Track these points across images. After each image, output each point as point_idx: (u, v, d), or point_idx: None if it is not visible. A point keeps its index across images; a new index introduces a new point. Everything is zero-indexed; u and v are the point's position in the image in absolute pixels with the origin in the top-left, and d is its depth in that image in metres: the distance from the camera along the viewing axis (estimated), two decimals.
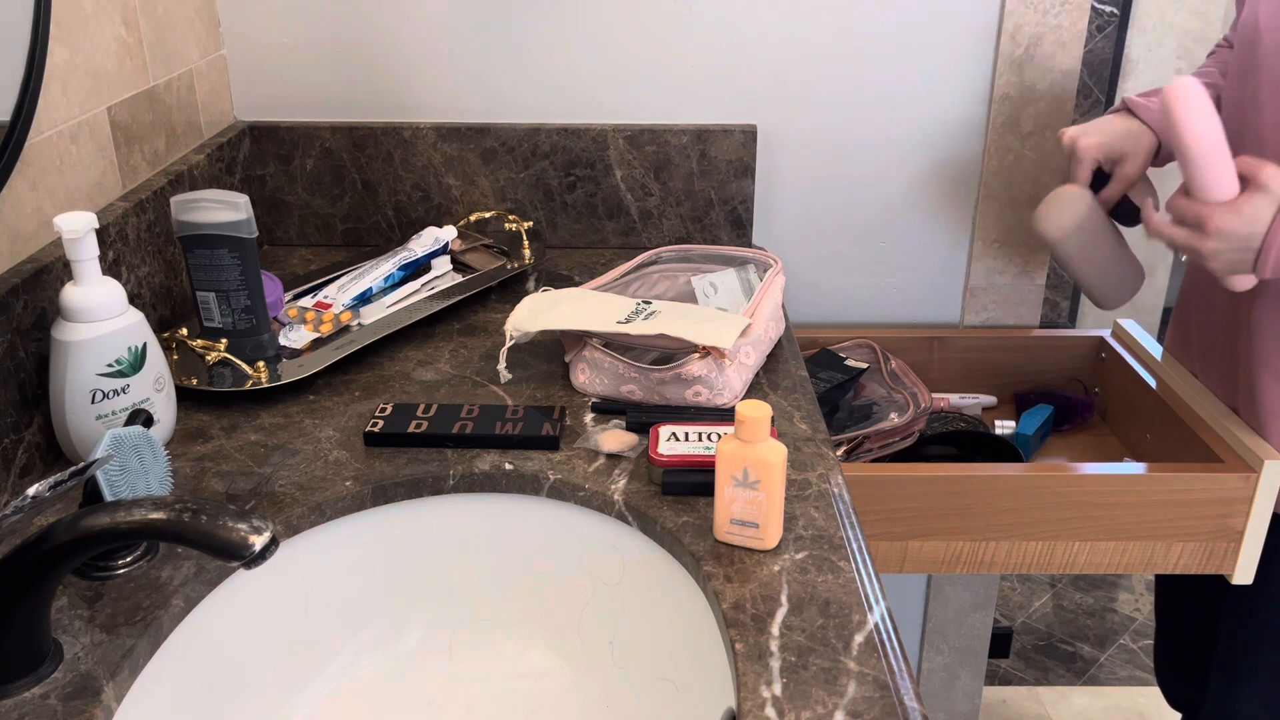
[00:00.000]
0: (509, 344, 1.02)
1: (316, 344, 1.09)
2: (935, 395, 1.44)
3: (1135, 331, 1.42)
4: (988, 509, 1.15)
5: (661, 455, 0.87)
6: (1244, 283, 1.02)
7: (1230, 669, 1.23)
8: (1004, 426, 1.39)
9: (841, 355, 1.39)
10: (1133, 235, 1.27)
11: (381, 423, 0.95)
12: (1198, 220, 0.99)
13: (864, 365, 1.36)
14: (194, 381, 1.01)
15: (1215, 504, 1.14)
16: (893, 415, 1.27)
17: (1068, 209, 1.19)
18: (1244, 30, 1.06)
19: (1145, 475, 1.14)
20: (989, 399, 1.45)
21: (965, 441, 1.29)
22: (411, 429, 0.94)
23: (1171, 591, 1.42)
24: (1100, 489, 1.14)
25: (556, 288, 1.11)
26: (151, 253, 1.10)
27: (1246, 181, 0.98)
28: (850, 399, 1.34)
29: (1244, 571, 1.17)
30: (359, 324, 1.13)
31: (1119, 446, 1.38)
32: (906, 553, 1.17)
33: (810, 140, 1.40)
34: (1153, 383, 1.31)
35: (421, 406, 0.98)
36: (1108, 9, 1.53)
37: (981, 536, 1.17)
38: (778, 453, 0.76)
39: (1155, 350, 1.37)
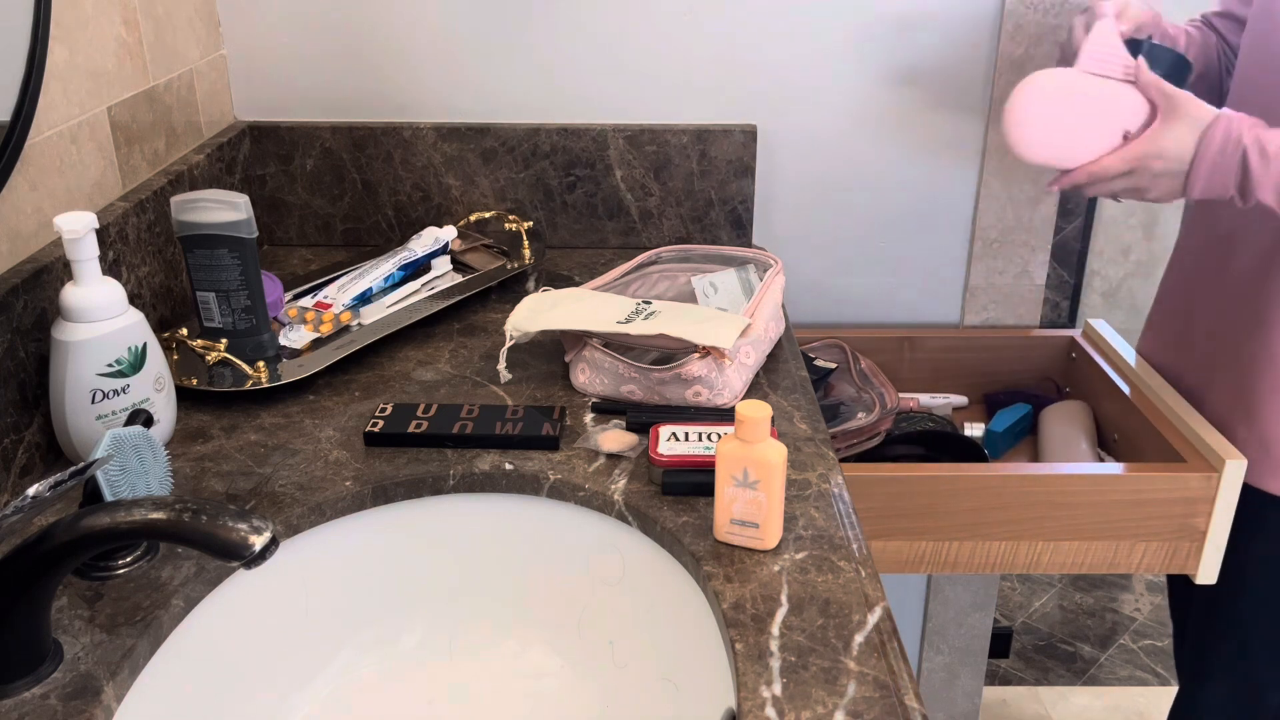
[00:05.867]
0: (509, 344, 1.02)
1: (316, 344, 1.09)
2: (905, 395, 1.44)
3: (1105, 331, 1.43)
4: (950, 509, 1.15)
5: (661, 455, 0.87)
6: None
7: (1198, 663, 1.23)
8: (974, 427, 1.39)
9: (811, 355, 1.39)
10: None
11: (381, 423, 0.95)
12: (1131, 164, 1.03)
13: (832, 365, 1.37)
14: (194, 381, 1.01)
15: (1178, 503, 1.14)
16: (860, 415, 1.27)
17: None
18: (1259, 20, 1.07)
19: (1107, 475, 1.14)
20: (959, 399, 1.46)
21: (933, 441, 1.29)
22: (411, 429, 0.94)
23: (1183, 596, 1.41)
24: (1062, 489, 1.14)
25: (556, 288, 1.11)
26: (151, 253, 1.10)
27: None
28: (820, 398, 1.34)
29: (1207, 571, 1.17)
30: (359, 324, 1.13)
31: None
32: (870, 553, 1.18)
33: (810, 140, 1.40)
34: (1120, 382, 1.32)
35: (421, 406, 0.98)
36: None
37: (944, 537, 1.17)
38: (778, 453, 0.76)
39: (1124, 350, 1.37)
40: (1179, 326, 1.27)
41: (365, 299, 1.18)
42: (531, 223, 1.38)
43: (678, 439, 0.89)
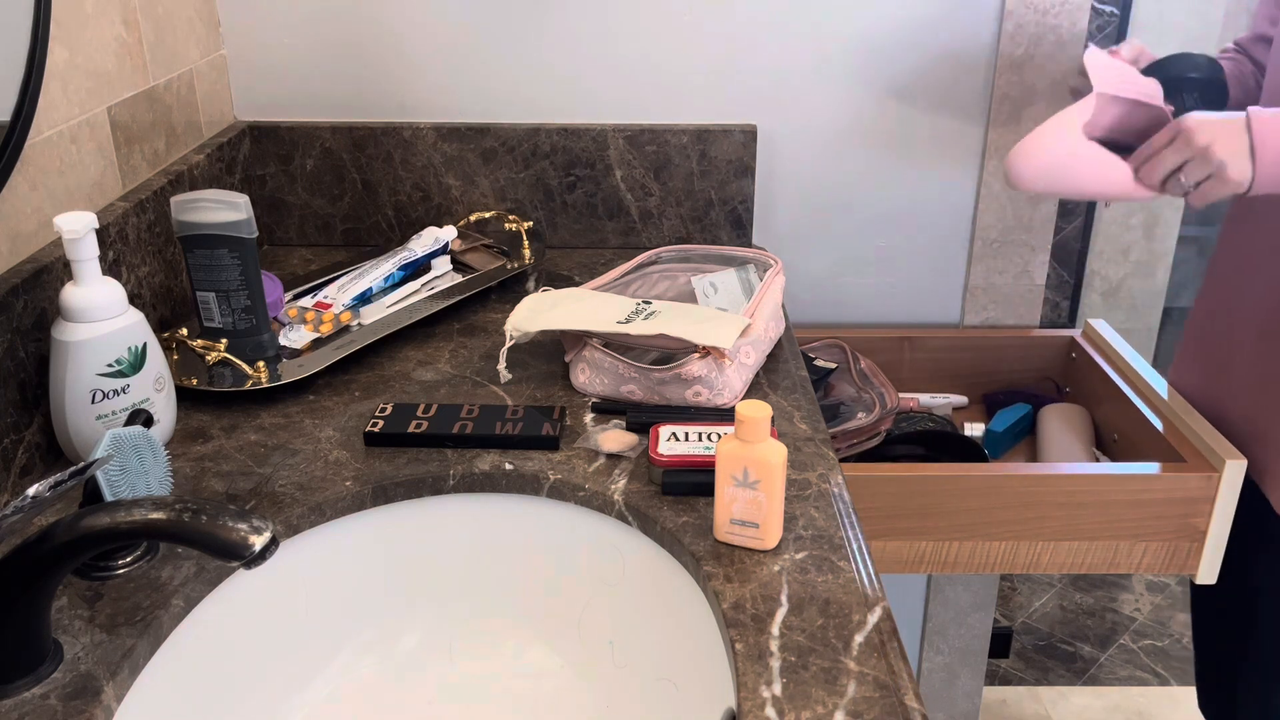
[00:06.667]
0: (509, 344, 1.02)
1: (316, 344, 1.09)
2: (905, 395, 1.44)
3: (1105, 332, 1.43)
4: (950, 509, 1.15)
5: (661, 455, 0.87)
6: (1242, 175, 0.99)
7: (1267, 673, 1.20)
8: (974, 427, 1.39)
9: (811, 355, 1.39)
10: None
11: (381, 423, 0.95)
12: (1172, 132, 1.00)
13: (832, 365, 1.37)
14: (194, 381, 1.01)
15: (1178, 504, 1.14)
16: (860, 415, 1.27)
17: None
18: None
19: (1107, 475, 1.14)
20: (959, 399, 1.46)
21: (933, 441, 1.29)
22: (411, 429, 0.94)
23: (1207, 615, 1.35)
24: (1061, 489, 1.14)
25: (556, 288, 1.11)
26: (151, 253, 1.10)
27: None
28: (820, 398, 1.34)
29: (1207, 571, 1.17)
30: (359, 324, 1.13)
31: None
32: (870, 553, 1.18)
33: (810, 140, 1.40)
34: (1120, 382, 1.32)
35: (421, 406, 0.98)
36: (1108, 9, 1.53)
37: (944, 537, 1.17)
38: (778, 453, 0.76)
39: (1124, 350, 1.37)
40: (1218, 354, 1.21)
41: (365, 299, 1.19)
42: (531, 223, 1.38)
43: (678, 439, 0.89)
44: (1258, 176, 0.98)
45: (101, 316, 0.85)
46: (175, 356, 1.05)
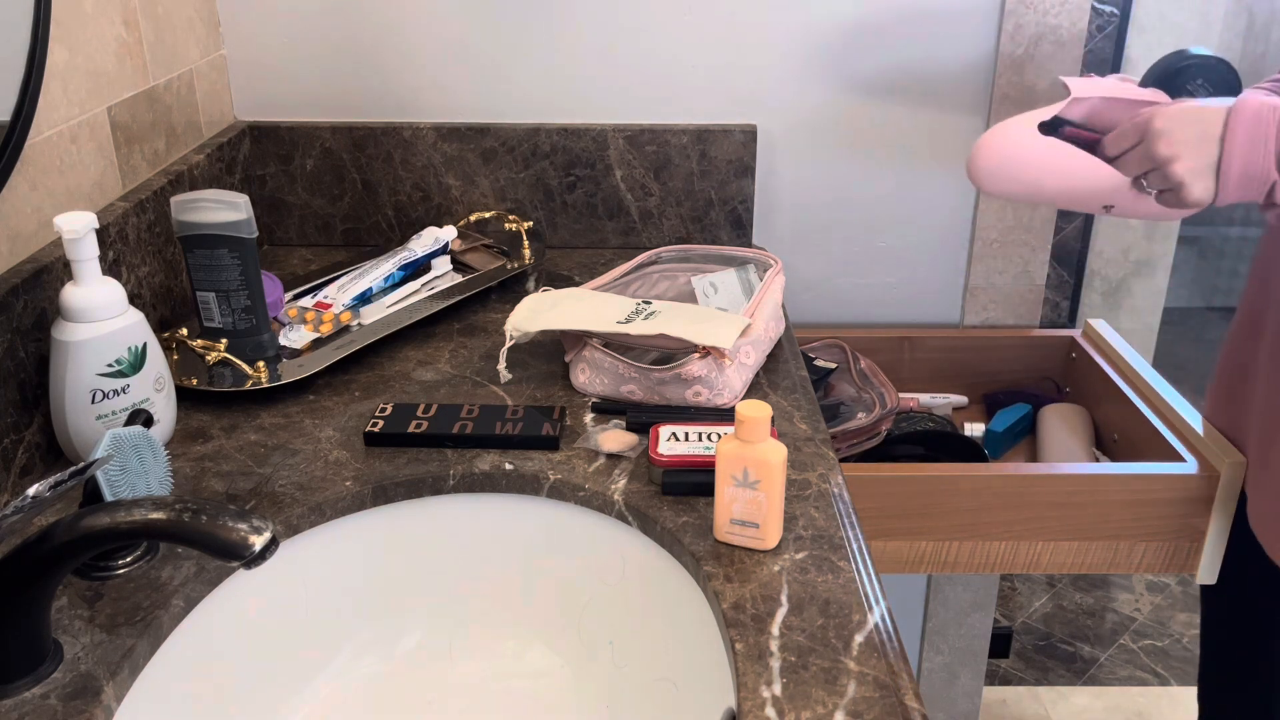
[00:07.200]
0: (509, 344, 1.02)
1: (316, 344, 1.09)
2: (905, 395, 1.44)
3: (1105, 332, 1.43)
4: (949, 509, 1.15)
5: (661, 455, 0.87)
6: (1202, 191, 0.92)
7: None
8: (974, 427, 1.39)
9: (811, 355, 1.39)
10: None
11: (381, 423, 0.95)
12: (1140, 133, 0.94)
13: (832, 365, 1.37)
14: (194, 381, 1.01)
15: (1178, 504, 1.14)
16: (860, 415, 1.27)
17: None
18: None
19: (1107, 475, 1.14)
20: (960, 399, 1.46)
21: (933, 441, 1.29)
22: (411, 429, 0.94)
23: (1217, 632, 1.29)
24: (1061, 489, 1.14)
25: (556, 288, 1.11)
26: (151, 253, 1.10)
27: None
28: (820, 398, 1.34)
29: (1207, 571, 1.17)
30: (359, 324, 1.13)
31: None
32: (870, 553, 1.18)
33: (810, 140, 1.40)
34: (1120, 382, 1.32)
35: (421, 406, 0.98)
36: (1108, 9, 1.53)
37: (944, 537, 1.17)
38: (778, 453, 0.76)
39: (1124, 350, 1.37)
40: (1237, 387, 1.17)
41: (365, 299, 1.18)
42: (531, 223, 1.38)
43: (678, 439, 0.89)
44: (1220, 194, 0.91)
45: (101, 316, 0.85)
46: (175, 356, 1.05)
